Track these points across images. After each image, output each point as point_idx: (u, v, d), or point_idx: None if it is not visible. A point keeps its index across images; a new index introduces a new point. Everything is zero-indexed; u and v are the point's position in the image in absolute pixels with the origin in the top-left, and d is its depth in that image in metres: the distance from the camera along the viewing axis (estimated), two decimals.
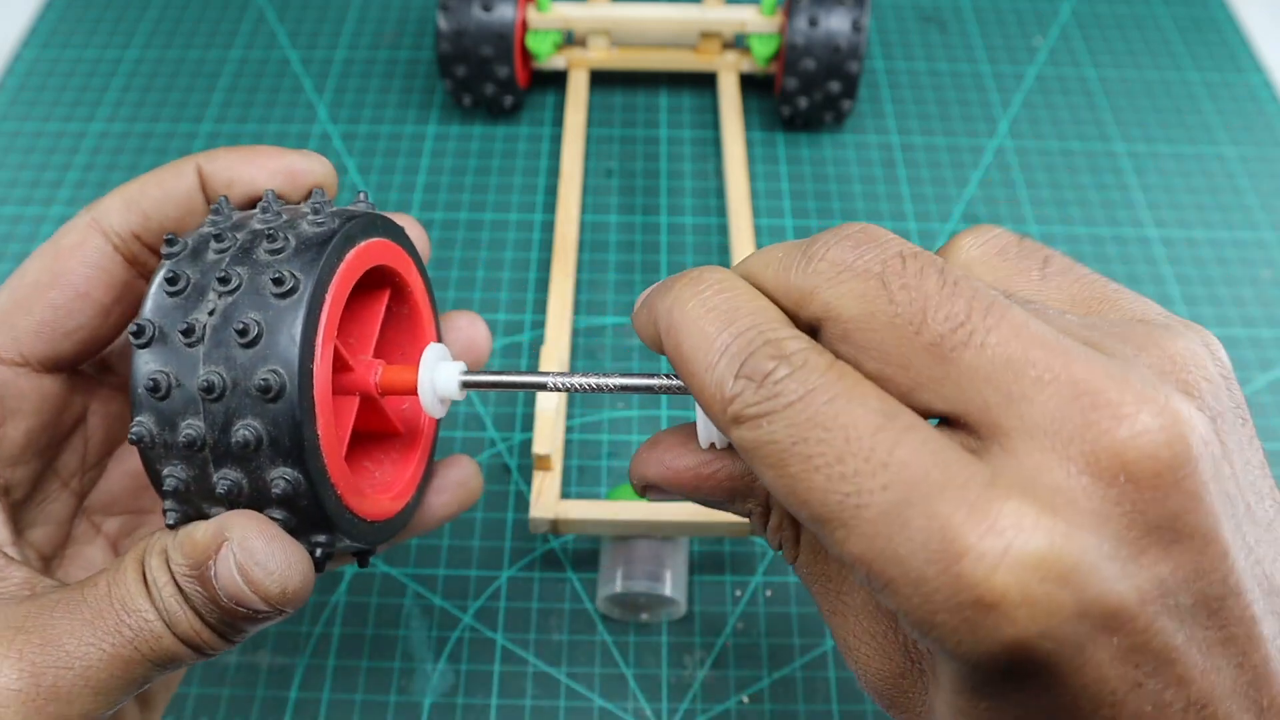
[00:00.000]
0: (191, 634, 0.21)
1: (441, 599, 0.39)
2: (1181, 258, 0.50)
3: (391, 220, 0.26)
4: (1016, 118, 0.57)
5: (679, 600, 0.37)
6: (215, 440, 0.21)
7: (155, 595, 0.21)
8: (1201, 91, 0.58)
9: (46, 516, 0.26)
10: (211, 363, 0.21)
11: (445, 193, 0.52)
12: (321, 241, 0.22)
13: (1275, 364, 0.46)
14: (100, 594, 0.21)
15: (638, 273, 0.49)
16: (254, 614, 0.21)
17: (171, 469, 0.22)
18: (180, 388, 0.21)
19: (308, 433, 0.21)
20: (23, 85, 0.58)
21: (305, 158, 0.25)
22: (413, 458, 0.28)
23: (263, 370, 0.21)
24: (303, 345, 0.21)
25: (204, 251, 0.22)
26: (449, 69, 0.52)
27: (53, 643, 0.20)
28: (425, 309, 0.28)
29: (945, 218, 0.52)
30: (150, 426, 0.22)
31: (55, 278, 0.24)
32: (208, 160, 0.25)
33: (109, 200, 0.25)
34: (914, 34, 0.61)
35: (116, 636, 0.21)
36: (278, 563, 0.21)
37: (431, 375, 0.25)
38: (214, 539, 0.21)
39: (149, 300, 0.22)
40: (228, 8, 0.62)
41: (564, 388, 0.24)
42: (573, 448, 0.43)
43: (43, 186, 0.53)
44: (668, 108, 0.57)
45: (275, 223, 0.23)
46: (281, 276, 0.21)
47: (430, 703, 0.37)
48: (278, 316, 0.21)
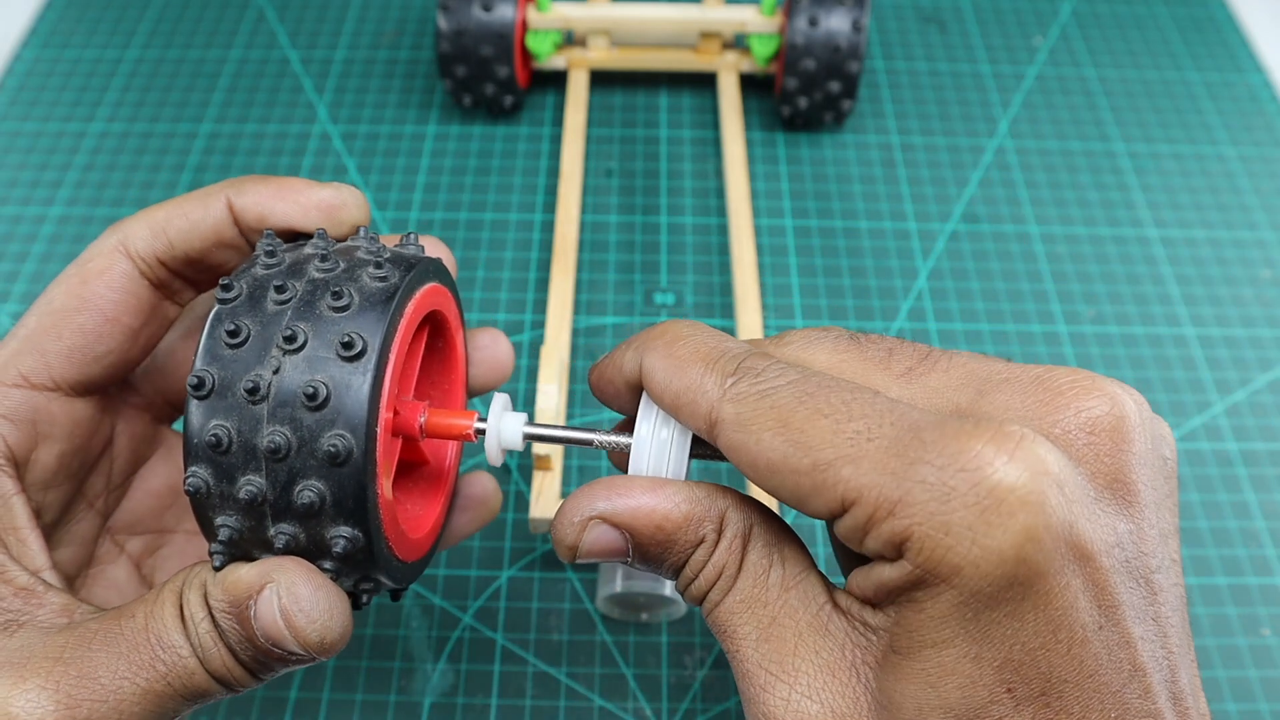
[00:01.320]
0: (223, 671, 0.22)
1: (441, 599, 0.39)
2: (1181, 257, 0.50)
3: (440, 262, 0.26)
4: (1016, 118, 0.57)
5: (679, 600, 0.37)
6: (276, 498, 0.21)
7: (191, 631, 0.21)
8: (1201, 91, 0.58)
9: (72, 537, 0.26)
10: (276, 422, 0.21)
11: (445, 193, 0.52)
12: (386, 298, 0.22)
13: (1275, 364, 0.46)
14: (137, 627, 0.21)
15: (638, 273, 0.49)
16: (288, 656, 0.22)
17: (225, 520, 0.22)
18: (242, 445, 0.21)
19: (370, 495, 0.21)
20: (22, 85, 0.58)
21: (338, 191, 0.25)
22: (441, 491, 0.28)
23: (330, 435, 0.21)
24: (370, 409, 0.21)
25: (262, 301, 0.22)
26: (449, 69, 0.52)
27: (88, 675, 0.21)
28: (459, 338, 0.28)
29: (945, 218, 0.52)
30: (206, 478, 0.21)
31: (83, 302, 0.24)
32: (237, 194, 0.25)
33: (135, 225, 0.25)
34: (914, 34, 0.61)
35: (151, 671, 0.21)
36: (320, 611, 0.22)
37: (498, 426, 0.25)
38: (258, 580, 0.21)
39: (203, 348, 0.22)
40: (227, 8, 0.62)
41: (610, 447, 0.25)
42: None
43: (43, 186, 0.53)
44: (668, 108, 0.57)
45: (334, 271, 0.23)
46: (351, 340, 0.21)
47: (430, 702, 0.37)
48: (344, 380, 0.21)
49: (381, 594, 0.28)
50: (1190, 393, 0.45)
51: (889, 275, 0.49)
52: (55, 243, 0.50)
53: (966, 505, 0.18)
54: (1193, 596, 0.40)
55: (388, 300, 0.22)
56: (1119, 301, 0.48)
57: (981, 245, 0.51)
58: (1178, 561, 0.21)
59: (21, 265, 0.49)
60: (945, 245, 0.51)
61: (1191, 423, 0.44)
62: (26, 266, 0.49)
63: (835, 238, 0.51)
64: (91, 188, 0.53)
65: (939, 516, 0.18)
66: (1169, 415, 0.45)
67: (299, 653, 0.22)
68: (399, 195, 0.52)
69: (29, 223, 0.51)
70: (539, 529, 0.36)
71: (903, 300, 0.48)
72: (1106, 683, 0.18)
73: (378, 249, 0.23)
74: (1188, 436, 0.44)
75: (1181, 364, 0.46)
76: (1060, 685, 0.18)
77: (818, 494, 0.19)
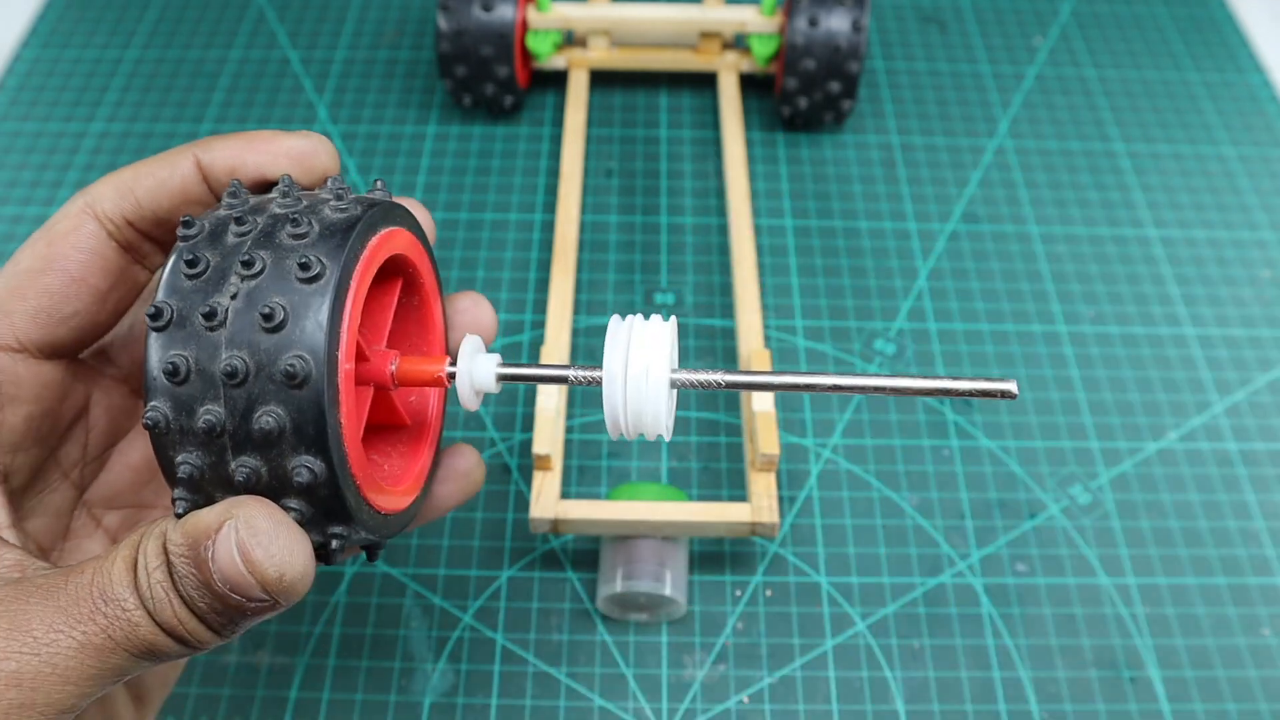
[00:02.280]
0: (174, 622, 0.21)
1: (441, 599, 0.39)
2: (1181, 258, 0.50)
3: (407, 209, 0.25)
4: (1016, 118, 0.57)
5: (679, 600, 0.37)
6: (235, 427, 0.21)
7: (142, 582, 0.21)
8: (1201, 91, 0.58)
9: (46, 507, 0.26)
10: (234, 347, 0.20)
11: (445, 193, 0.52)
12: (346, 227, 0.22)
13: (1275, 364, 0.46)
14: (83, 581, 0.21)
15: (638, 273, 0.49)
16: (246, 603, 0.21)
17: (186, 456, 0.21)
18: (200, 372, 0.21)
19: (331, 421, 0.21)
20: (23, 85, 0.58)
21: (306, 138, 0.25)
22: (421, 449, 0.27)
23: (288, 356, 0.20)
24: (329, 332, 0.21)
25: (223, 234, 0.22)
26: (449, 69, 0.52)
27: (20, 627, 0.20)
28: (435, 299, 0.28)
29: (945, 218, 0.52)
30: (165, 411, 0.21)
31: (49, 263, 0.24)
32: (204, 150, 0.25)
33: (102, 186, 0.24)
34: (914, 34, 0.61)
35: (90, 624, 0.20)
36: (280, 546, 0.21)
37: (469, 367, 0.24)
38: (218, 519, 0.21)
39: (164, 282, 0.21)
40: (228, 8, 0.62)
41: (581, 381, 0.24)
42: (573, 448, 0.43)
43: (43, 186, 0.53)
44: (668, 108, 0.57)
45: (296, 207, 0.22)
46: (308, 261, 0.21)
47: (430, 702, 0.37)
48: (303, 302, 0.21)
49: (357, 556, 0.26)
50: (1190, 393, 0.45)
51: (889, 275, 0.49)
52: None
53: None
54: (1193, 596, 0.40)
55: (348, 229, 0.22)
56: (1119, 301, 0.48)
57: (981, 245, 0.51)
58: None
59: None
60: (945, 245, 0.51)
61: (1191, 423, 0.44)
62: None
63: (835, 238, 0.51)
64: None
65: None
66: (1169, 415, 0.45)
67: (258, 596, 0.21)
68: (399, 195, 0.52)
69: (29, 223, 0.51)
70: (539, 529, 0.36)
71: (903, 300, 0.48)
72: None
73: (340, 188, 0.23)
74: (1188, 436, 0.44)
75: (1181, 364, 0.46)
76: None
77: None
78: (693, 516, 0.36)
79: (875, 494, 0.42)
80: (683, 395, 0.44)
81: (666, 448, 0.43)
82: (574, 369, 0.25)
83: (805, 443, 0.44)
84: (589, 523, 0.36)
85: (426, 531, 0.41)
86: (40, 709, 0.20)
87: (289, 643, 0.38)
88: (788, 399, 0.44)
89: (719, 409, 0.44)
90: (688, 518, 0.36)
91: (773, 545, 0.41)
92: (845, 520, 0.41)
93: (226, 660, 0.38)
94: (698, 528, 0.36)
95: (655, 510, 0.36)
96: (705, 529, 0.36)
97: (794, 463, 0.43)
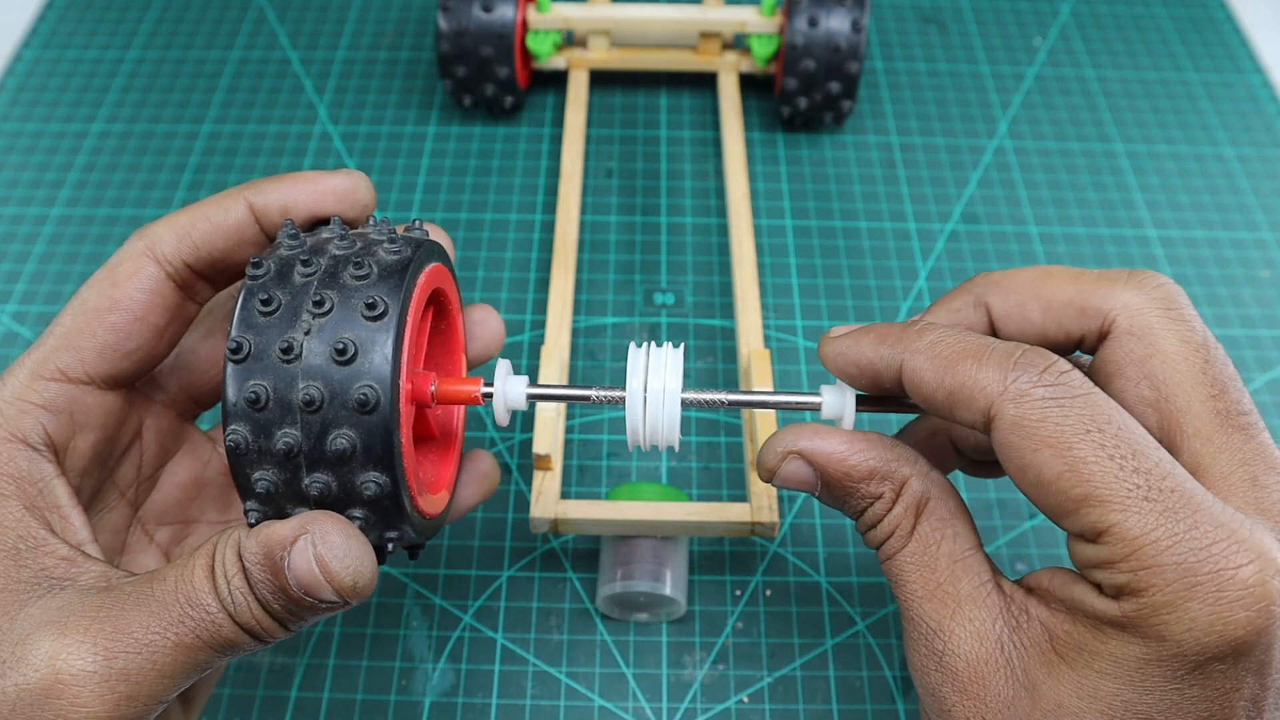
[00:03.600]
0: (252, 622, 0.23)
1: (442, 599, 0.39)
2: (1181, 258, 0.50)
3: (441, 246, 0.28)
4: (1016, 118, 0.57)
5: (679, 600, 0.37)
6: (310, 448, 0.23)
7: (220, 587, 0.23)
8: (1201, 92, 0.58)
9: (105, 525, 0.28)
10: (309, 378, 0.23)
11: (445, 193, 0.52)
12: (401, 269, 0.24)
13: (1274, 364, 0.46)
14: (168, 588, 0.23)
15: (638, 273, 0.49)
16: (318, 604, 0.23)
17: (262, 474, 0.24)
18: (278, 400, 0.23)
19: (396, 441, 0.23)
20: (23, 86, 0.58)
21: (349, 176, 0.28)
22: (450, 457, 0.30)
23: (359, 386, 0.23)
24: (393, 364, 0.23)
25: (290, 275, 0.24)
26: (449, 69, 0.52)
27: (123, 630, 0.23)
28: (459, 321, 0.31)
29: (945, 218, 0.52)
30: (246, 435, 0.23)
31: (114, 303, 0.26)
32: (256, 194, 0.27)
33: (160, 230, 0.27)
34: (914, 34, 0.61)
35: (180, 626, 0.23)
36: (353, 557, 0.23)
37: (504, 389, 0.28)
38: (293, 532, 0.23)
39: (238, 319, 0.24)
40: (228, 8, 0.62)
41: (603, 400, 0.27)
42: (573, 447, 0.43)
43: (44, 187, 0.53)
44: (668, 108, 0.57)
45: (353, 249, 0.25)
46: (374, 302, 0.23)
47: (430, 702, 0.37)
48: (370, 337, 0.23)
49: (398, 554, 0.30)
50: None
51: (889, 275, 0.49)
52: (56, 243, 0.50)
53: (1206, 592, 0.20)
54: None
55: (403, 270, 0.24)
56: None
57: (981, 245, 0.51)
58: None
59: (22, 265, 0.49)
60: (945, 245, 0.51)
61: None
62: (27, 267, 0.49)
63: (835, 238, 0.51)
64: (92, 188, 0.53)
65: (1179, 593, 0.20)
66: None
67: (330, 599, 0.23)
68: (399, 195, 0.52)
69: (30, 223, 0.51)
70: (539, 529, 0.37)
71: (902, 300, 0.48)
72: None
73: (389, 231, 0.26)
74: None
75: None
76: None
77: (1076, 519, 0.22)
78: (693, 516, 0.36)
79: None
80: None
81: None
82: (596, 389, 0.28)
83: None
84: (589, 522, 0.36)
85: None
86: (144, 700, 0.23)
87: (289, 643, 0.38)
88: None
89: (719, 409, 0.44)
90: (688, 518, 0.36)
91: (773, 545, 0.41)
92: (845, 520, 0.41)
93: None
94: (698, 527, 0.36)
95: (655, 510, 0.36)
96: (705, 529, 0.36)
97: None
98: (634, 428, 0.27)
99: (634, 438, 0.27)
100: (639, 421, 0.27)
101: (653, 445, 0.27)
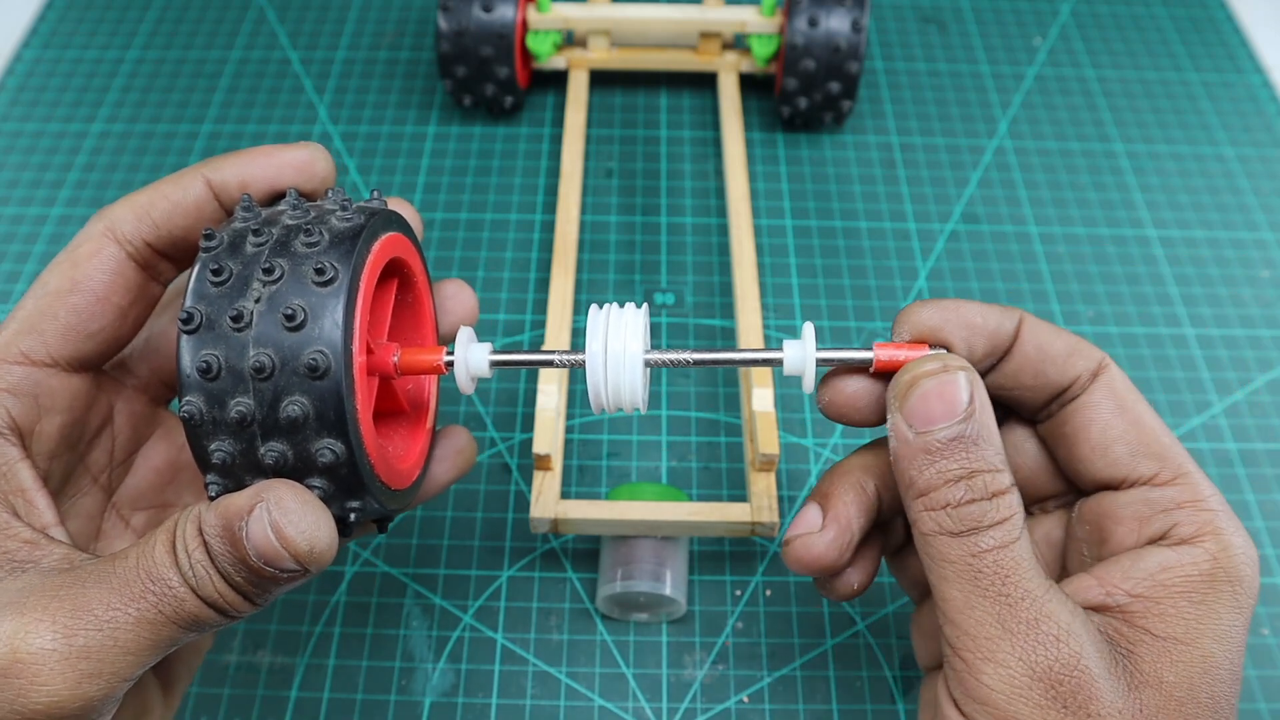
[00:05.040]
0: (215, 596, 0.23)
1: (441, 599, 0.39)
2: (1180, 258, 0.50)
3: (401, 215, 0.28)
4: (1016, 118, 0.57)
5: (679, 600, 0.37)
6: (264, 416, 0.23)
7: (182, 562, 0.23)
8: (1200, 92, 0.58)
9: (79, 510, 0.28)
10: (260, 345, 0.23)
11: (445, 193, 0.52)
12: (353, 235, 0.24)
13: (1274, 364, 0.46)
14: (129, 565, 0.23)
15: (638, 273, 0.49)
16: (279, 574, 0.23)
17: (219, 444, 0.24)
18: (230, 369, 0.23)
19: (349, 407, 0.23)
20: (23, 86, 0.58)
21: (305, 149, 0.27)
22: (420, 432, 0.30)
23: (309, 351, 0.23)
24: (344, 329, 0.23)
25: (242, 245, 0.24)
26: (449, 69, 0.52)
27: (83, 609, 0.22)
28: (426, 294, 0.30)
29: (945, 218, 0.52)
30: (200, 405, 0.23)
31: (75, 284, 0.26)
32: (213, 170, 0.27)
33: (120, 210, 0.26)
34: (914, 35, 0.61)
35: (142, 602, 0.23)
36: (309, 522, 0.23)
37: (465, 355, 0.27)
38: (250, 501, 0.23)
39: (191, 289, 0.23)
40: (228, 8, 0.62)
41: (565, 364, 0.27)
42: (572, 447, 0.43)
43: (44, 187, 0.53)
44: (668, 108, 0.57)
45: (306, 218, 0.25)
46: (323, 267, 0.23)
47: (430, 702, 0.37)
48: (320, 303, 0.23)
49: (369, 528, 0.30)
50: (1190, 393, 0.45)
51: (889, 275, 0.49)
52: (57, 243, 0.50)
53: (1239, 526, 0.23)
54: None
55: (355, 236, 0.24)
56: (1118, 301, 0.49)
57: (981, 245, 0.51)
58: None
59: (23, 265, 0.49)
60: (945, 245, 0.51)
61: (1191, 423, 0.44)
62: (28, 267, 0.49)
63: (835, 238, 0.51)
64: (93, 188, 0.53)
65: (1235, 526, 0.23)
66: (1168, 415, 0.45)
67: (290, 567, 0.23)
68: (400, 195, 0.52)
69: (30, 223, 0.51)
70: (539, 529, 0.37)
71: (902, 300, 0.48)
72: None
73: (343, 199, 0.26)
74: (1187, 437, 0.44)
75: (1181, 364, 0.46)
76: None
77: (1147, 461, 0.24)
78: (693, 516, 0.36)
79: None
80: (683, 397, 0.45)
81: (666, 448, 0.43)
82: (558, 353, 0.27)
83: (805, 443, 0.44)
84: (589, 522, 0.36)
85: (426, 531, 0.41)
86: (106, 677, 0.22)
87: (289, 643, 0.38)
88: (788, 399, 0.44)
89: (719, 409, 0.45)
90: (688, 518, 0.36)
91: (772, 545, 0.41)
92: None
93: (227, 660, 0.38)
94: (698, 527, 0.36)
95: (655, 510, 0.36)
96: (705, 529, 0.36)
97: (794, 463, 0.43)
98: (595, 389, 0.27)
99: (596, 400, 0.27)
100: (600, 383, 0.27)
101: (618, 408, 0.27)
